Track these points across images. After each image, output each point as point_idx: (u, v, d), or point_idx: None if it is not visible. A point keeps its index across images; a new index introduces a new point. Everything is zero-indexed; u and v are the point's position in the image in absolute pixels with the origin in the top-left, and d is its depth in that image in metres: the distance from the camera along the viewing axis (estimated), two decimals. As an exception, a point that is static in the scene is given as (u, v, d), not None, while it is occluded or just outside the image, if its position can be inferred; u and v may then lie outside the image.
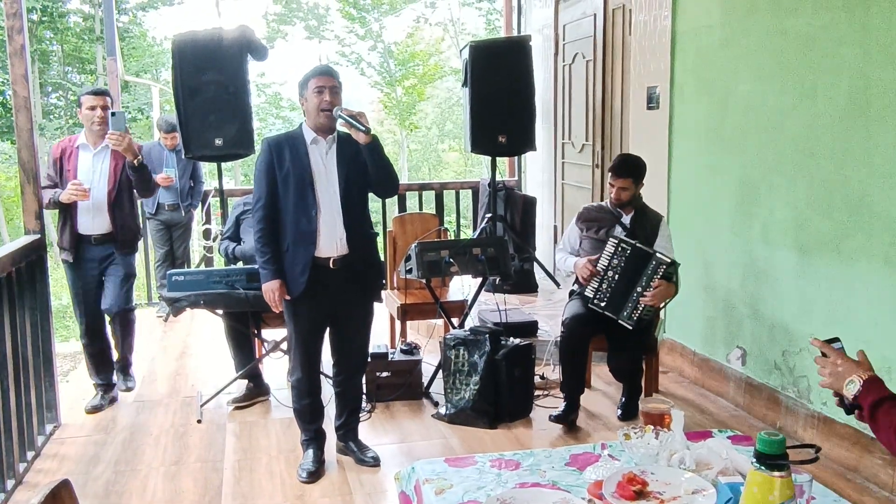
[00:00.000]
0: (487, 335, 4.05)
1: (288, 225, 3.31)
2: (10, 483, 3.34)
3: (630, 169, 4.07)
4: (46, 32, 17.26)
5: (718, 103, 4.31)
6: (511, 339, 4.16)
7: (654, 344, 4.25)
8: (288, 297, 3.36)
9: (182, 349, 5.62)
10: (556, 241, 6.65)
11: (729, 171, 4.26)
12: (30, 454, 3.64)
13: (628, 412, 4.07)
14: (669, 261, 3.80)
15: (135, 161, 4.05)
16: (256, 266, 3.89)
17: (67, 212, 4.06)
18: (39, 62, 17.45)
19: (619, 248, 3.89)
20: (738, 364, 4.27)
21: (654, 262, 3.80)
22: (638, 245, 3.86)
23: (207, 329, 5.90)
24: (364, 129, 3.18)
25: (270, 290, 3.35)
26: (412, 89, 20.28)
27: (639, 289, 3.82)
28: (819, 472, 3.31)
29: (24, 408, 3.54)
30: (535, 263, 6.32)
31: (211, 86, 5.13)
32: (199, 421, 4.18)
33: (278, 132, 3.69)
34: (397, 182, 3.38)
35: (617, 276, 3.89)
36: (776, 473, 1.42)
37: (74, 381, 4.97)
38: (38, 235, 3.77)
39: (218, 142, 5.16)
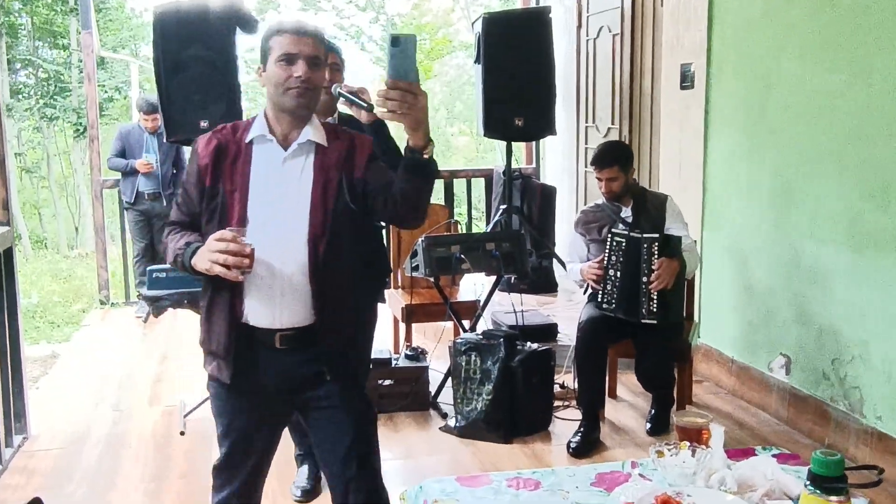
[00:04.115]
0: (502, 339, 4.04)
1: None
2: (-26, 500, 3.35)
3: (613, 156, 4.07)
4: (15, 3, 17.31)
5: (760, 82, 4.28)
6: (528, 343, 4.15)
7: (687, 350, 4.23)
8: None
9: (163, 353, 5.63)
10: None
11: (771, 158, 4.23)
12: (-4, 468, 3.65)
13: (659, 426, 4.06)
14: (657, 235, 3.81)
15: None
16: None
17: None
18: (7, 36, 17.53)
19: (614, 243, 3.91)
20: (781, 373, 4.25)
21: (645, 245, 3.80)
22: (631, 234, 3.87)
23: (191, 331, 5.89)
24: (366, 105, 3.17)
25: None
26: (418, 66, 20.28)
27: (644, 279, 3.82)
28: (880, 497, 3.28)
29: (-11, 417, 3.54)
30: (554, 260, 6.31)
31: (196, 62, 5.12)
32: (182, 433, 4.18)
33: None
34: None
35: (619, 274, 3.90)
36: (833, 498, 1.41)
37: (45, 388, 4.99)
38: (6, 227, 3.77)
39: (203, 124, 5.12)
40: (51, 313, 9.93)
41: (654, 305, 3.82)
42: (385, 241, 5.14)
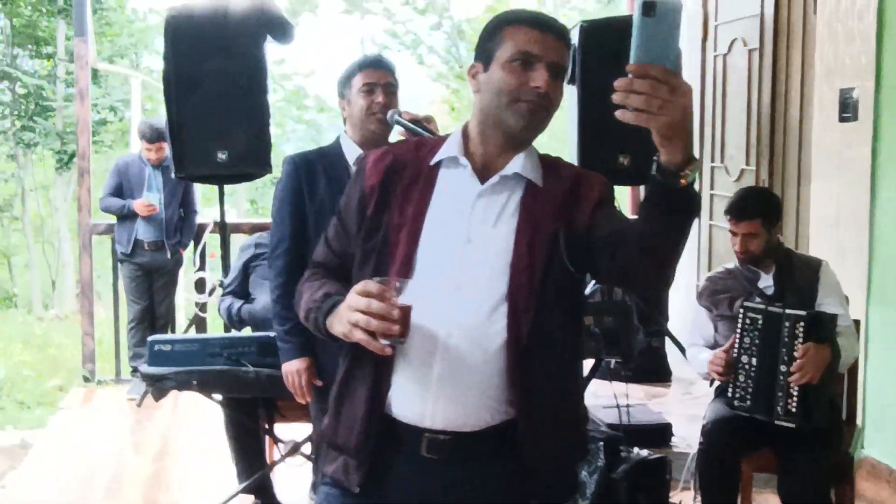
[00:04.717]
0: (601, 443, 4.00)
1: None
2: None
3: (756, 207, 4.03)
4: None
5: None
6: (635, 449, 4.10)
7: (848, 465, 4.13)
8: (319, 383, 3.37)
9: (161, 447, 5.69)
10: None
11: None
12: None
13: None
14: (804, 313, 3.73)
15: None
16: (271, 334, 3.94)
17: None
18: (-20, 42, 18.09)
19: (748, 321, 3.85)
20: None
21: (787, 325, 3.74)
22: (769, 309, 3.81)
23: (197, 418, 5.96)
24: (434, 138, 3.22)
25: (294, 371, 3.38)
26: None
27: (783, 367, 3.75)
28: None
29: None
30: (667, 339, 6.25)
31: (215, 77, 5.25)
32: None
33: (301, 146, 3.59)
34: None
35: (755, 360, 3.83)
36: None
37: (13, 487, 5.06)
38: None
39: (221, 155, 5.26)
40: (20, 390, 10.08)
41: (794, 404, 3.75)
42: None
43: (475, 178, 2.12)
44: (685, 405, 5.76)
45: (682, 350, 6.06)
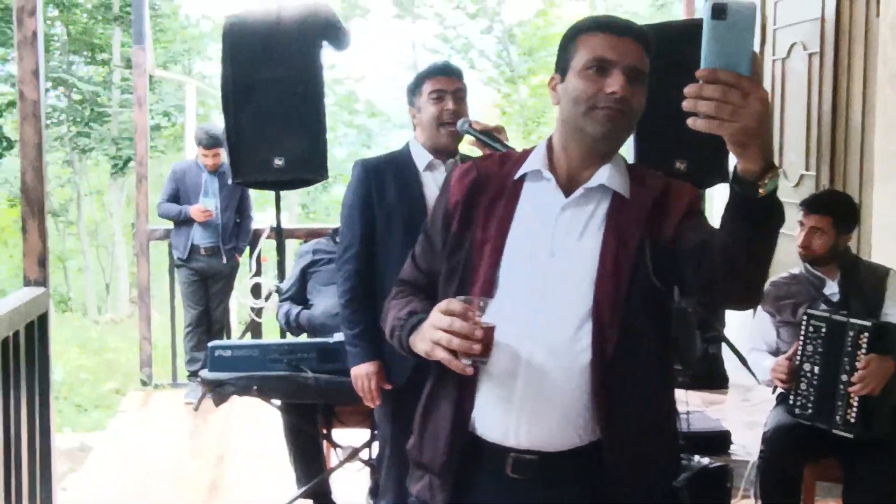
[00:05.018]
0: (662, 452, 3.97)
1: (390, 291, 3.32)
2: None
3: (831, 205, 3.99)
4: (49, 10, 18.03)
5: None
6: (696, 457, 4.06)
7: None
8: (388, 387, 3.38)
9: (220, 452, 5.73)
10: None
11: None
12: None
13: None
14: (869, 323, 3.67)
15: None
16: (330, 340, 3.95)
17: None
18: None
19: (811, 328, 3.80)
20: None
21: (851, 334, 3.68)
22: (833, 317, 3.75)
23: (252, 423, 6.00)
24: (505, 149, 3.22)
25: (364, 375, 3.39)
26: (542, 88, 20.44)
27: (844, 377, 3.70)
28: None
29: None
30: (724, 345, 6.19)
31: (272, 85, 5.28)
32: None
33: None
34: None
35: (817, 369, 3.78)
36: None
37: (75, 490, 5.12)
38: (42, 288, 3.92)
39: (278, 162, 5.28)
40: (77, 393, 10.24)
41: (854, 414, 3.70)
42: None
43: (559, 190, 2.07)
44: (742, 412, 5.70)
45: (742, 358, 6.02)
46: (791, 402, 3.86)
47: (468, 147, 3.46)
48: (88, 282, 18.86)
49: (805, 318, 3.83)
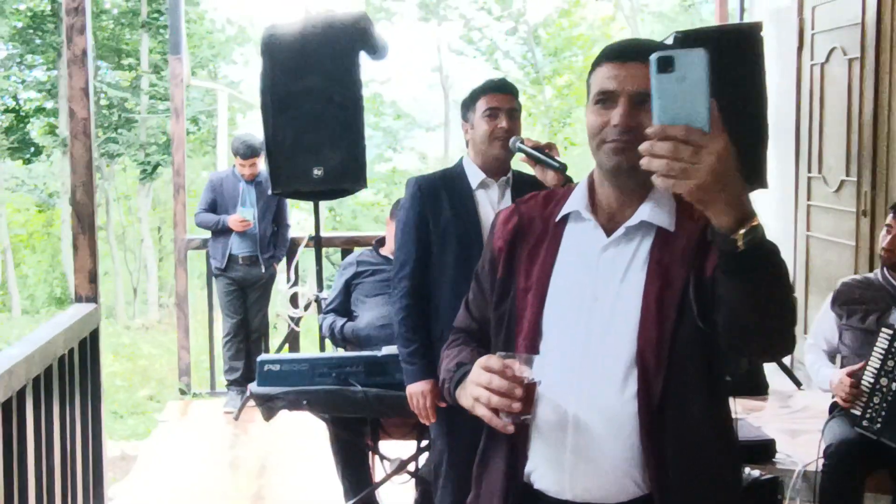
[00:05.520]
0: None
1: (444, 309, 3.36)
2: None
3: None
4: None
5: None
6: (746, 469, 4.04)
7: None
8: (444, 404, 3.40)
9: (262, 462, 5.76)
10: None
11: None
12: None
13: None
14: None
15: None
16: (378, 353, 3.97)
17: None
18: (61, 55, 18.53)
19: (888, 343, 3.76)
20: None
21: None
22: None
23: (295, 433, 6.01)
24: (557, 165, 3.23)
25: (419, 393, 3.41)
26: (567, 89, 20.45)
27: None
28: None
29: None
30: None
31: (311, 94, 5.30)
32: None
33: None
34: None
35: (895, 385, 3.75)
36: None
37: (120, 497, 5.16)
38: (93, 304, 3.97)
39: (317, 172, 5.31)
40: (112, 400, 10.28)
41: None
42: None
43: (600, 230, 1.97)
44: (783, 419, 5.66)
45: (786, 369, 6.00)
46: (859, 412, 3.81)
47: (520, 164, 3.47)
48: (118, 287, 18.97)
49: (889, 332, 3.76)
